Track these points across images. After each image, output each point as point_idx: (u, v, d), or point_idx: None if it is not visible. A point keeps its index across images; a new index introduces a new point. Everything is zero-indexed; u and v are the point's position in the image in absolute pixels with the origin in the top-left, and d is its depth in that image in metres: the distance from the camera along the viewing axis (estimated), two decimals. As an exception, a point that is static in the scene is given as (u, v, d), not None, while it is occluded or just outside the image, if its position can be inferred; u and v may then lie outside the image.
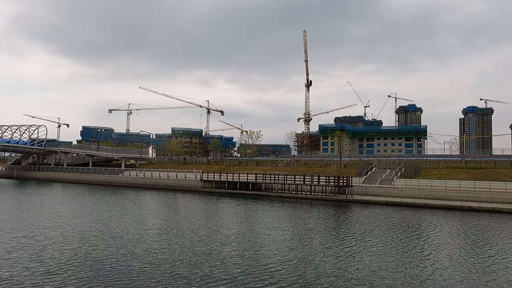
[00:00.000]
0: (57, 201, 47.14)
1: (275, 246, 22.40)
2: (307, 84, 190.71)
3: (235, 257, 19.64)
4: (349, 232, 27.43)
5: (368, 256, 20.32)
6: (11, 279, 15.44)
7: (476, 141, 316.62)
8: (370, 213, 37.77)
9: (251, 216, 36.34)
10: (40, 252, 19.76)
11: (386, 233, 27.31)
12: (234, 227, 29.41)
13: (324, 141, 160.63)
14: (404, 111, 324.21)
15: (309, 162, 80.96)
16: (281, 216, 36.32)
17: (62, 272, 16.48)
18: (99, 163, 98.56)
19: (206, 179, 64.87)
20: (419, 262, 19.23)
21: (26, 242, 22.09)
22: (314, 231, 28.33)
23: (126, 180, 77.68)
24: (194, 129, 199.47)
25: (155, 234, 25.83)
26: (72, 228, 27.13)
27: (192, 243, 22.74)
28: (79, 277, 15.90)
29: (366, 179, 57.65)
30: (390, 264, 18.74)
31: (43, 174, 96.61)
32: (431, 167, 60.02)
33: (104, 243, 22.24)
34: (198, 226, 29.32)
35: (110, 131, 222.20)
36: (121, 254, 19.69)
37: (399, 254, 21.06)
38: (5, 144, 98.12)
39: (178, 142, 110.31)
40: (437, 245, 23.43)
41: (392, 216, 36.06)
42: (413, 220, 33.58)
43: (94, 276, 15.98)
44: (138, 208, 40.89)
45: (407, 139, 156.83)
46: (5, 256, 18.89)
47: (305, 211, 40.10)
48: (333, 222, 33.02)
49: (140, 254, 19.94)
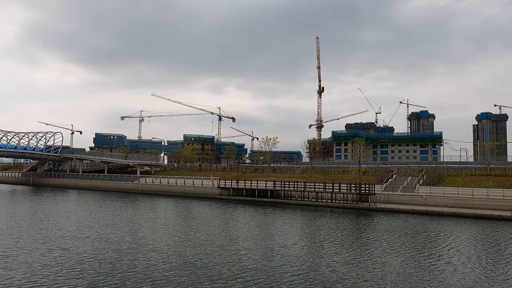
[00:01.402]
0: (80, 209, 46.77)
1: (304, 260, 21.57)
2: (319, 90, 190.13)
3: (265, 269, 18.92)
4: (379, 243, 26.48)
5: (405, 269, 19.40)
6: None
7: (491, 148, 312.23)
8: (397, 222, 36.71)
9: (273, 224, 35.52)
10: (79, 265, 19.12)
11: (421, 244, 26.30)
12: (258, 236, 28.67)
13: (337, 148, 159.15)
14: (416, 118, 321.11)
15: (326, 169, 79.94)
16: (304, 225, 35.46)
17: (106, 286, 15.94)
18: (114, 169, 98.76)
19: (224, 186, 64.31)
20: (462, 276, 18.26)
21: (64, 254, 21.39)
22: (342, 242, 27.37)
23: (142, 187, 77.52)
24: (206, 135, 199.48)
25: (191, 246, 25.22)
26: (105, 239, 26.52)
27: (236, 255, 22.07)
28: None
29: (387, 187, 56.56)
30: (434, 278, 17.82)
31: (59, 181, 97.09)
32: (454, 175, 58.60)
33: (142, 255, 21.70)
34: (234, 237, 28.68)
35: (122, 138, 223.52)
36: (163, 269, 19.10)
37: (438, 266, 20.10)
38: (22, 151, 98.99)
39: (193, 148, 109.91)
40: (477, 257, 22.38)
41: (422, 225, 34.95)
42: (444, 230, 32.44)
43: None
44: (163, 218, 40.37)
45: (421, 146, 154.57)
46: (49, 272, 18.41)
47: (328, 219, 39.13)
48: (360, 232, 31.94)
49: (184, 266, 19.33)
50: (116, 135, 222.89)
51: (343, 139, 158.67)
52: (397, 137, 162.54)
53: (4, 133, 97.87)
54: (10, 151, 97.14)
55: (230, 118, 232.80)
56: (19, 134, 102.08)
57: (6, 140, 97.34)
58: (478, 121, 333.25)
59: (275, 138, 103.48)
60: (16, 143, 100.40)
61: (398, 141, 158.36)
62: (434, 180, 55.70)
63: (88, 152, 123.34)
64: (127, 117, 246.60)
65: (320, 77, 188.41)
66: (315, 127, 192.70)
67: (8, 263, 18.98)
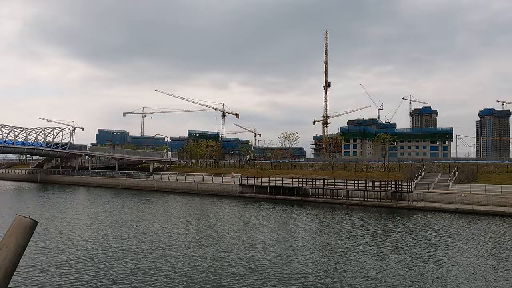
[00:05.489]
0: (100, 208, 44.62)
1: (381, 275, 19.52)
2: (325, 86, 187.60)
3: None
4: (453, 247, 24.46)
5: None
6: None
7: (494, 144, 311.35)
8: (451, 223, 34.72)
9: (310, 226, 33.41)
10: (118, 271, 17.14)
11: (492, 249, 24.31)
12: (297, 239, 26.62)
13: (346, 144, 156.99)
14: (418, 114, 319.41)
15: (347, 166, 77.94)
16: (349, 226, 33.31)
17: None
18: (125, 166, 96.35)
19: (246, 184, 62.11)
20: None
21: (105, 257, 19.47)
22: (408, 247, 25.30)
23: (157, 185, 75.23)
24: (211, 132, 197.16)
25: (229, 248, 23.15)
26: (138, 240, 24.51)
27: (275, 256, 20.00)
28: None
29: (418, 184, 54.53)
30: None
31: (68, 178, 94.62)
32: (488, 171, 56.67)
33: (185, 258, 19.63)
34: (270, 239, 26.62)
35: (125, 135, 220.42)
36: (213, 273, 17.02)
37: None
38: (30, 147, 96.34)
39: (207, 145, 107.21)
40: None
41: (484, 226, 32.99)
42: (507, 232, 30.49)
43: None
44: (194, 217, 38.26)
45: (431, 142, 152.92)
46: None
47: (368, 220, 36.86)
48: (413, 235, 29.87)
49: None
50: (119, 132, 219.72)
51: (352, 135, 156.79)
52: (407, 133, 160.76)
53: (11, 128, 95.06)
54: (18, 147, 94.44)
55: (234, 114, 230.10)
56: (26, 130, 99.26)
57: (13, 136, 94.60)
58: (481, 117, 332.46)
59: (295, 134, 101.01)
60: (23, 139, 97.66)
61: (408, 137, 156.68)
62: (469, 177, 53.73)
63: (99, 148, 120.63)
64: (129, 114, 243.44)
65: (327, 72, 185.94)
66: (321, 123, 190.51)
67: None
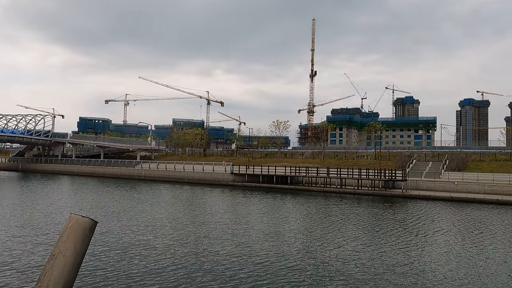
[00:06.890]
0: (94, 197, 43.31)
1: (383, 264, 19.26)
2: (311, 74, 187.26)
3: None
4: (451, 234, 24.47)
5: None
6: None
7: (473, 133, 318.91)
8: (447, 211, 34.97)
9: (305, 214, 33.04)
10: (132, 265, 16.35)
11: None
12: (292, 226, 26.25)
13: (332, 133, 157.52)
14: (401, 103, 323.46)
15: (337, 154, 78.12)
16: (347, 215, 33.12)
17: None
18: (110, 154, 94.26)
19: (238, 172, 61.42)
20: None
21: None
22: (405, 234, 25.22)
23: (146, 173, 73.84)
24: (196, 120, 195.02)
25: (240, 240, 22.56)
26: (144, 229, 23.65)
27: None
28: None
29: (410, 172, 54.94)
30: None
31: (51, 167, 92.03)
32: (478, 160, 57.55)
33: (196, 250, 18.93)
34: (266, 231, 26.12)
35: (108, 122, 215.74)
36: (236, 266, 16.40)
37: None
38: (10, 134, 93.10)
39: (196, 133, 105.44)
40: None
41: (479, 214, 33.30)
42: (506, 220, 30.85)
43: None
44: (190, 206, 37.45)
45: (415, 131, 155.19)
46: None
47: (364, 208, 36.71)
48: (411, 223, 29.88)
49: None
50: (101, 119, 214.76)
51: (338, 123, 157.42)
52: (392, 122, 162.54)
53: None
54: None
55: (219, 102, 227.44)
56: (6, 117, 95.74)
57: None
58: (461, 107, 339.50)
59: (286, 122, 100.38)
60: (3, 127, 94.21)
61: (393, 126, 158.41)
62: (459, 165, 54.43)
63: (82, 136, 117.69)
64: (111, 101, 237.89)
65: (313, 60, 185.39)
66: (306, 111, 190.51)
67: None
